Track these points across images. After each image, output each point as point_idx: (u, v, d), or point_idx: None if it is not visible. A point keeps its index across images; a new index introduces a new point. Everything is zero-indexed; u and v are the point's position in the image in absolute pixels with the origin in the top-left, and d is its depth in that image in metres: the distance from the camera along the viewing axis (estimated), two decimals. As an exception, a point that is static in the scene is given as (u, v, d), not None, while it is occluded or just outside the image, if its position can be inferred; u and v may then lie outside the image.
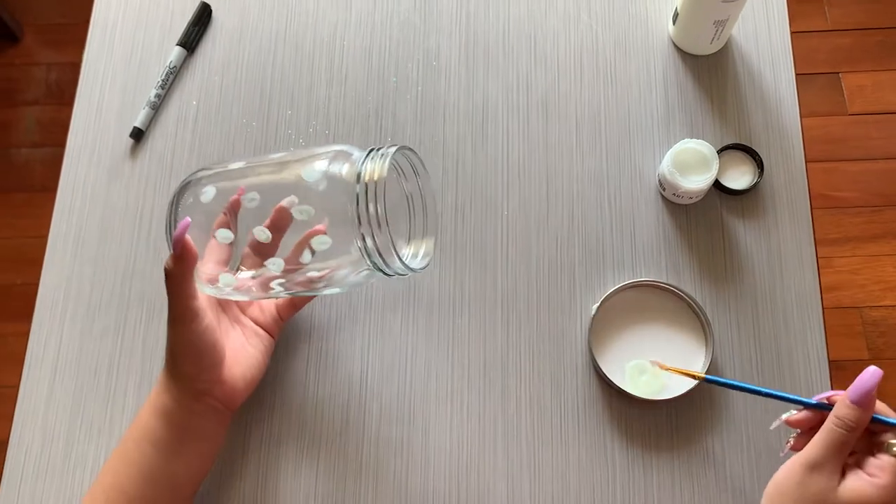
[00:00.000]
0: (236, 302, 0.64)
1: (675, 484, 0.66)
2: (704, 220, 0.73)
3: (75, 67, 0.78)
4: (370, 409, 0.68)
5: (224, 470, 0.66)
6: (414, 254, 0.61)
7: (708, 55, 0.78)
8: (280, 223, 0.59)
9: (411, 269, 0.57)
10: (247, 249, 0.60)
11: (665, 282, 0.69)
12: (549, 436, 0.67)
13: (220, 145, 0.76)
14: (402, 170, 0.60)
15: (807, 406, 0.56)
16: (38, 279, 0.72)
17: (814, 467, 0.51)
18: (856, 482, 0.51)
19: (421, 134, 0.76)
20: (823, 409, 0.55)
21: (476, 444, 0.67)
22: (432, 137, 0.76)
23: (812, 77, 1.70)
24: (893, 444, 0.52)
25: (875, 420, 0.53)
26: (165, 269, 0.54)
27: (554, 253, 0.72)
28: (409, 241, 0.61)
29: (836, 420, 0.52)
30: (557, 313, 0.70)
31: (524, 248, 0.72)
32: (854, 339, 1.52)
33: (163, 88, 0.77)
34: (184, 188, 0.60)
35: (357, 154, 0.57)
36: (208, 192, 0.58)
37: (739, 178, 0.73)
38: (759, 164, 0.73)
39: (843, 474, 0.52)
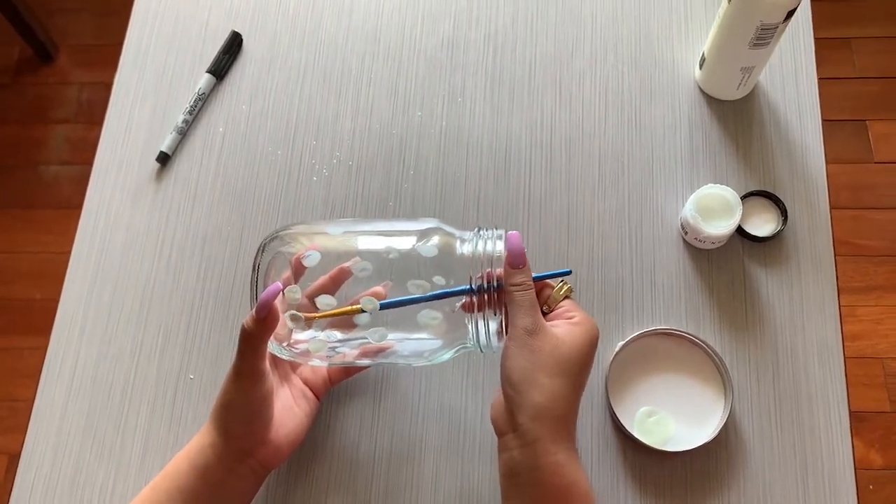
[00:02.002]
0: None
1: (689, 535, 0.64)
2: (726, 266, 0.72)
3: (106, 87, 0.80)
4: (381, 447, 0.67)
5: None
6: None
7: (734, 101, 0.78)
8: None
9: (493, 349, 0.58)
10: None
11: (685, 330, 0.68)
12: (561, 479, 0.66)
13: (244, 172, 0.77)
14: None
15: (471, 292, 0.55)
16: (59, 295, 0.73)
17: (532, 332, 0.53)
18: (566, 327, 0.54)
19: (444, 168, 0.76)
20: (488, 290, 0.55)
21: (487, 483, 0.66)
22: (455, 172, 0.76)
23: (838, 124, 1.69)
24: (557, 291, 0.57)
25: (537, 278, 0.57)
26: (244, 328, 0.53)
27: (574, 292, 0.71)
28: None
29: (515, 287, 0.54)
30: (574, 354, 0.69)
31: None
32: (876, 389, 1.49)
33: (191, 114, 0.78)
34: (272, 242, 0.59)
35: (458, 232, 0.59)
36: (313, 257, 0.57)
37: (763, 225, 0.72)
38: (783, 212, 0.72)
39: None
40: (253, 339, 0.53)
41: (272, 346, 0.57)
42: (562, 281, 0.57)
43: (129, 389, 0.69)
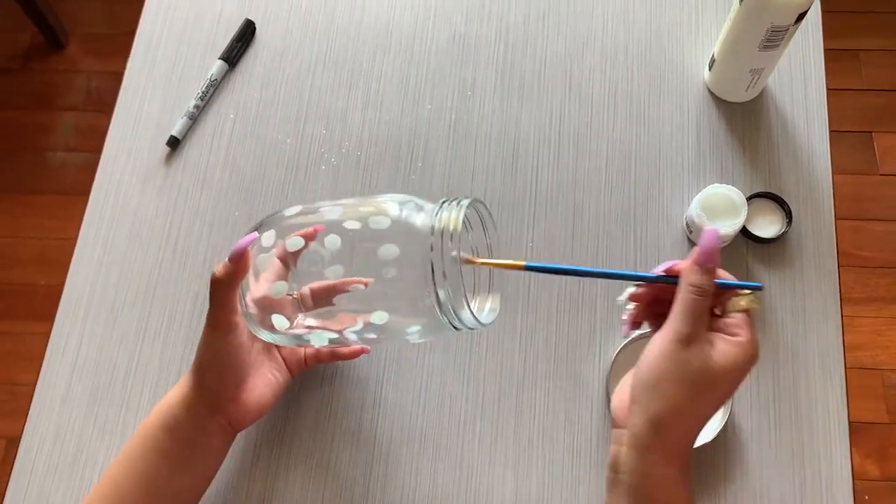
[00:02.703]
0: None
1: (685, 532, 0.64)
2: (729, 266, 0.71)
3: (115, 77, 0.80)
4: (382, 433, 0.67)
5: (230, 489, 0.66)
6: (479, 308, 0.58)
7: (742, 103, 0.78)
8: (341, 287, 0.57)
9: (481, 324, 0.55)
10: (308, 294, 0.59)
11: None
12: (559, 472, 0.66)
13: (253, 159, 0.77)
14: (470, 222, 0.59)
15: (648, 280, 0.53)
16: (62, 280, 0.73)
17: (688, 341, 0.48)
18: (724, 345, 0.49)
19: (452, 161, 0.77)
20: (665, 282, 0.52)
21: (485, 475, 0.66)
22: (463, 165, 0.76)
23: (843, 134, 1.69)
24: (738, 301, 0.51)
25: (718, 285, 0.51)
26: (213, 277, 0.54)
27: (576, 289, 0.72)
28: (473, 294, 0.59)
29: (692, 288, 0.49)
30: (576, 351, 0.70)
31: (546, 282, 0.72)
32: (874, 400, 1.49)
33: (202, 100, 0.79)
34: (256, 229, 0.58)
35: (428, 205, 0.56)
36: (269, 237, 0.56)
37: (767, 226, 0.73)
38: (788, 214, 0.72)
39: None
40: (221, 285, 0.54)
41: (263, 335, 0.57)
42: (750, 292, 0.51)
43: (133, 371, 0.70)
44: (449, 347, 0.70)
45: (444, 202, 0.55)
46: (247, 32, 0.82)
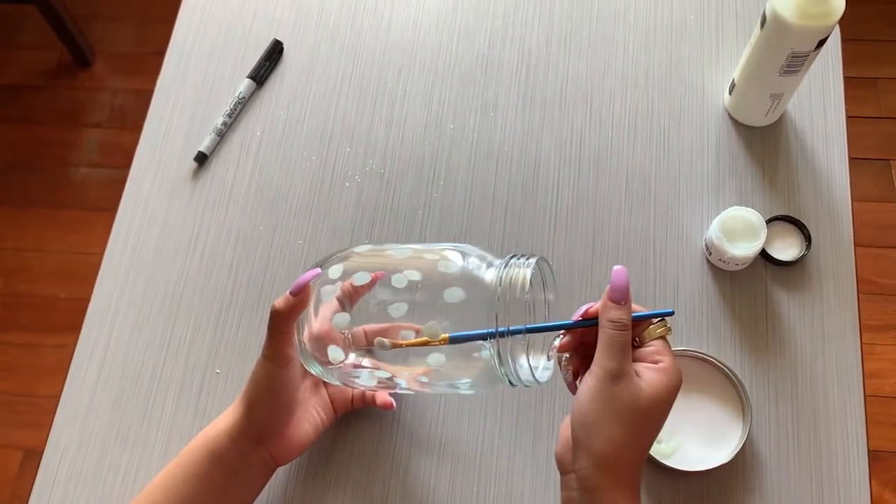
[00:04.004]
0: None
1: (703, 552, 0.64)
2: (749, 288, 0.73)
3: (140, 94, 0.83)
4: (399, 452, 0.68)
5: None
6: (534, 365, 0.57)
7: (762, 127, 0.79)
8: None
9: (536, 381, 0.55)
10: (361, 335, 0.59)
11: (705, 353, 0.69)
12: (577, 490, 0.66)
13: (278, 175, 0.79)
14: (532, 280, 0.57)
15: (567, 327, 0.54)
16: (82, 294, 0.75)
17: (617, 376, 0.50)
18: (649, 374, 0.51)
19: (473, 180, 0.78)
20: (585, 325, 0.54)
21: (503, 493, 0.66)
22: (484, 184, 0.78)
23: (862, 162, 1.69)
24: (653, 329, 0.52)
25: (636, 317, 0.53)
26: (273, 308, 0.55)
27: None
28: (527, 350, 0.58)
29: (611, 324, 0.51)
30: (594, 368, 0.70)
31: (566, 300, 0.72)
32: (893, 429, 1.48)
33: (230, 117, 0.81)
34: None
35: (496, 260, 0.57)
36: (336, 270, 0.57)
37: (786, 249, 0.73)
38: (807, 238, 0.73)
39: None
40: (280, 317, 0.55)
41: (314, 368, 0.58)
42: (661, 318, 0.54)
43: (157, 380, 0.71)
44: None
45: (512, 257, 0.56)
46: (274, 52, 0.84)
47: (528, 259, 0.55)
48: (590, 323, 0.53)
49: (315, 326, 0.57)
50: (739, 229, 0.70)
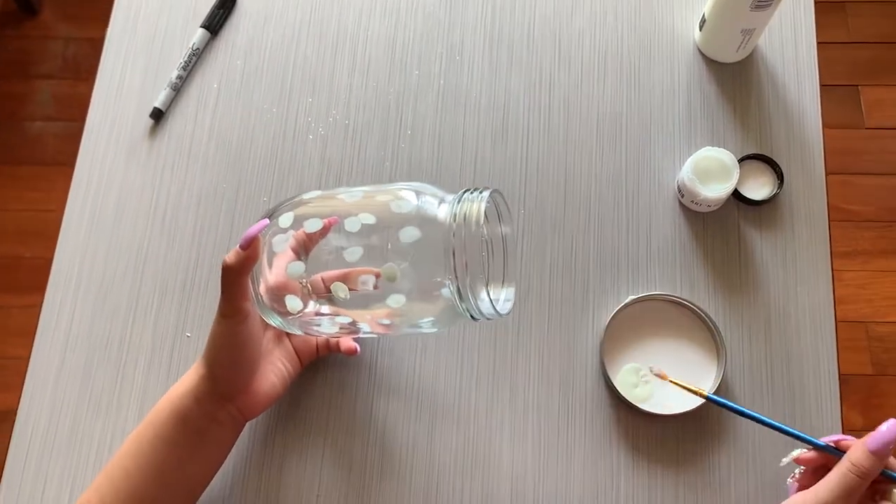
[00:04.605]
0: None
1: (679, 498, 0.65)
2: (721, 229, 0.72)
3: (93, 43, 0.79)
4: (377, 406, 0.68)
5: (227, 464, 0.66)
6: (495, 298, 0.57)
7: (733, 63, 0.77)
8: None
9: (498, 314, 0.55)
10: (319, 282, 0.58)
11: (680, 296, 0.69)
12: (554, 440, 0.67)
13: (239, 129, 0.76)
14: (487, 214, 0.58)
15: (815, 447, 0.56)
16: (46, 253, 0.72)
17: None
18: None
19: (441, 127, 0.76)
20: (831, 452, 0.56)
21: (482, 445, 0.67)
22: (452, 131, 0.76)
23: (830, 89, 1.69)
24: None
25: (883, 473, 0.53)
26: (224, 264, 0.53)
27: (568, 254, 0.72)
28: (486, 284, 0.58)
29: (852, 466, 0.52)
30: (569, 317, 0.70)
31: (538, 248, 0.72)
32: (859, 353, 1.51)
33: (185, 70, 0.77)
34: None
35: (448, 196, 0.56)
36: (287, 219, 0.56)
37: (759, 188, 0.73)
38: (780, 176, 0.72)
39: None
40: (232, 272, 0.53)
41: (274, 320, 0.57)
42: None
43: (126, 345, 0.69)
44: (443, 316, 0.70)
45: (465, 192, 0.55)
46: (228, -2, 0.80)
47: (480, 192, 0.55)
48: (833, 451, 0.55)
49: (270, 278, 0.56)
50: (712, 170, 0.70)
